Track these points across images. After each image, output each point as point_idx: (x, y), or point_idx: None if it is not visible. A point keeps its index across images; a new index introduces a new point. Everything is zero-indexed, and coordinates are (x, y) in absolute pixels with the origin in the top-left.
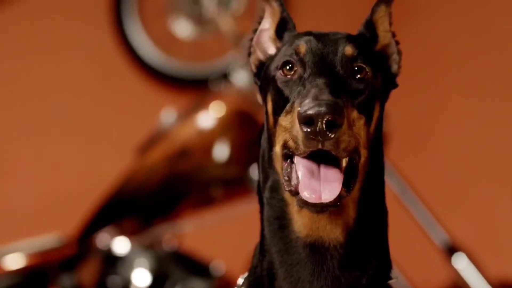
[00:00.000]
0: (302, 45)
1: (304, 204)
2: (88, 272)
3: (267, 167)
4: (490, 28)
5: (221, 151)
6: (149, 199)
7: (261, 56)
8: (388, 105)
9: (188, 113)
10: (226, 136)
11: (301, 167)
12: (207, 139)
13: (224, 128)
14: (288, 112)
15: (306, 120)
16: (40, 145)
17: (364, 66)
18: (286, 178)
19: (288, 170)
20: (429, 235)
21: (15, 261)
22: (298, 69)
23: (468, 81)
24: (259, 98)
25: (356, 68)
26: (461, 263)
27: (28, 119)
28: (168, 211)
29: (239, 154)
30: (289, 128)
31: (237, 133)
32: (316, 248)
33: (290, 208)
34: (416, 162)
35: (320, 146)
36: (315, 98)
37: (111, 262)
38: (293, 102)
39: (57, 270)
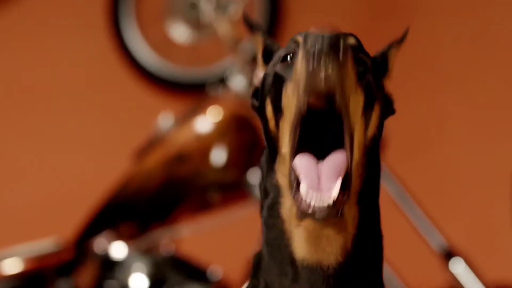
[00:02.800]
0: (300, 37)
1: (304, 208)
2: (86, 276)
3: (267, 182)
4: (489, 33)
5: (219, 156)
6: (146, 203)
7: (256, 83)
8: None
9: (186, 117)
10: (223, 141)
11: (303, 165)
12: (205, 144)
13: (221, 132)
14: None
15: (312, 54)
16: (37, 150)
17: (365, 58)
18: (293, 185)
19: (294, 176)
20: (426, 239)
21: (12, 266)
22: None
23: (465, 86)
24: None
25: (358, 59)
26: (459, 268)
27: (25, 124)
28: (166, 216)
29: (237, 159)
30: (292, 90)
31: (235, 137)
32: (314, 270)
33: (289, 226)
34: (413, 166)
35: (323, 82)
36: (319, 39)
37: (109, 266)
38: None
39: (54, 274)
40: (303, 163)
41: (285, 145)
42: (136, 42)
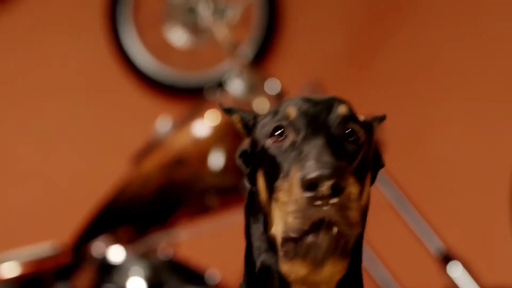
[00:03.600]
0: (292, 109)
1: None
2: (83, 280)
3: (261, 243)
4: (482, 34)
5: (217, 160)
6: (144, 207)
7: (245, 146)
8: (381, 111)
9: (184, 121)
10: (221, 145)
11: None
12: (203, 148)
13: (219, 136)
14: (284, 183)
15: (309, 184)
16: (36, 154)
17: (358, 128)
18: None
19: (286, 252)
20: (424, 243)
21: (10, 269)
22: (290, 134)
23: (461, 88)
24: (246, 185)
25: (349, 130)
26: (456, 272)
27: (23, 127)
28: (164, 220)
29: (234, 163)
30: (287, 201)
31: (233, 141)
32: None
33: None
34: (411, 170)
35: (322, 214)
36: (318, 160)
37: (106, 270)
38: (289, 171)
39: (52, 278)
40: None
41: (275, 227)
42: (134, 46)
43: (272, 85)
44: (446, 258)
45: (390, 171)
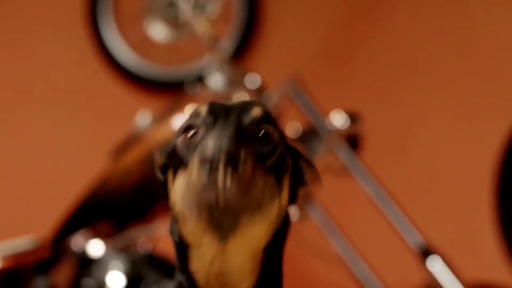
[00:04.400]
0: (203, 107)
1: None
2: (63, 274)
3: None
4: (465, 33)
5: None
6: (123, 202)
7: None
8: (362, 108)
9: (164, 116)
10: None
11: None
12: None
13: None
14: (185, 171)
15: (203, 159)
16: (14, 148)
17: (273, 129)
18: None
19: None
20: (404, 238)
21: None
22: (200, 131)
23: (443, 85)
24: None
25: (263, 131)
26: (436, 266)
27: (2, 122)
28: (143, 214)
29: None
30: (183, 187)
31: None
32: None
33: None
34: (391, 165)
35: (218, 196)
36: (217, 140)
37: (86, 264)
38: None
39: (31, 272)
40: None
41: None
42: (114, 41)
43: (252, 80)
44: (425, 253)
45: (369, 166)
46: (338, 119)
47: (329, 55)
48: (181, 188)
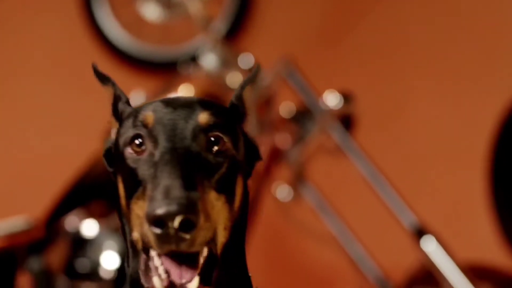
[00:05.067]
0: (150, 115)
1: None
2: (57, 255)
3: (129, 247)
4: (458, 9)
5: None
6: None
7: (111, 139)
8: (355, 88)
9: (157, 96)
10: None
11: (157, 257)
12: None
13: None
14: (139, 198)
15: (156, 222)
16: (7, 128)
17: (222, 135)
18: (144, 270)
19: (146, 266)
20: (398, 217)
21: None
22: (148, 145)
23: (436, 63)
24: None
25: (212, 139)
26: (430, 246)
27: None
28: None
29: None
30: (142, 218)
31: None
32: None
33: None
34: (384, 144)
35: (174, 248)
36: (166, 195)
37: (80, 244)
38: (145, 188)
39: (25, 253)
40: (156, 259)
41: (136, 230)
42: (107, 21)
43: (245, 60)
44: (419, 233)
45: (363, 146)
46: (331, 99)
47: (323, 35)
48: (138, 222)
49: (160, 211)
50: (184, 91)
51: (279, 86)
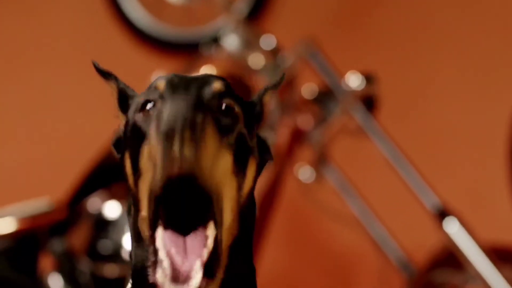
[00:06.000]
0: (161, 82)
1: None
2: (79, 236)
3: (133, 236)
4: None
5: None
6: None
7: (120, 133)
8: (378, 69)
9: None
10: None
11: (162, 249)
12: None
13: None
14: (145, 146)
15: (163, 134)
16: (29, 110)
17: (234, 103)
18: (152, 263)
19: (153, 252)
20: (420, 199)
21: (5, 226)
22: (159, 105)
23: (460, 44)
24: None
25: (224, 105)
26: (453, 228)
27: (16, 84)
28: None
29: None
30: (147, 158)
31: None
32: None
33: None
34: (407, 125)
35: (177, 169)
36: (174, 114)
37: (102, 226)
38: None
39: (47, 235)
40: (163, 241)
41: (144, 208)
42: (129, 2)
43: (267, 41)
44: (442, 214)
45: (385, 128)
46: (353, 80)
47: (345, 15)
48: (143, 159)
49: (166, 123)
50: (206, 72)
51: (301, 67)
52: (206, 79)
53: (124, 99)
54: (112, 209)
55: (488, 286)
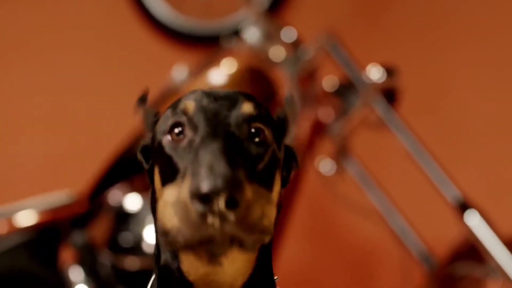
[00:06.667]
0: (190, 103)
1: None
2: (100, 229)
3: (162, 250)
4: None
5: None
6: None
7: (147, 141)
8: (399, 61)
9: (200, 70)
10: None
11: None
12: None
13: (235, 84)
14: (176, 184)
15: (200, 197)
16: (50, 102)
17: (263, 127)
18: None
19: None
20: (441, 191)
21: (26, 218)
22: (188, 132)
23: (481, 37)
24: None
25: (253, 130)
26: (473, 220)
27: (37, 76)
28: None
29: None
30: (173, 202)
31: (249, 89)
32: None
33: None
34: (427, 118)
35: (213, 233)
36: (210, 171)
37: (123, 219)
38: (184, 173)
39: (68, 227)
40: None
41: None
42: None
43: (288, 33)
44: (463, 207)
45: (406, 120)
46: (374, 73)
47: (366, 7)
48: (171, 210)
49: (206, 185)
50: (227, 65)
51: (322, 59)
52: (235, 101)
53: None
54: (133, 202)
55: (509, 278)
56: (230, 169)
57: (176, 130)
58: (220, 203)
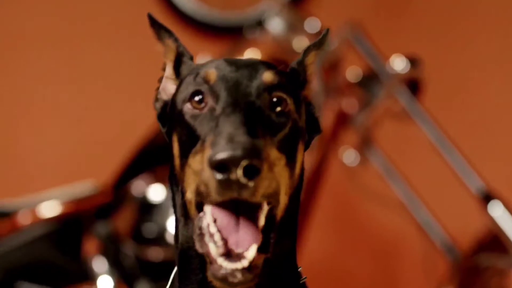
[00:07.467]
0: (212, 72)
1: (217, 279)
2: (123, 219)
3: (180, 215)
4: None
5: None
6: None
7: (165, 97)
8: (422, 52)
9: None
10: None
11: (212, 224)
12: None
13: None
14: (198, 152)
15: (219, 166)
16: (75, 94)
17: (285, 96)
18: (198, 235)
19: (201, 225)
20: (465, 183)
21: (50, 209)
22: (209, 100)
23: (504, 28)
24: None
25: (275, 99)
26: (497, 211)
27: (63, 67)
28: None
29: None
30: (200, 170)
31: None
32: None
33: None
34: (451, 109)
35: (235, 195)
36: (230, 140)
37: (147, 209)
38: (204, 141)
39: (92, 217)
40: (213, 216)
41: (190, 191)
42: None
43: (312, 24)
44: (487, 198)
45: (430, 111)
46: (398, 64)
47: None
48: (193, 179)
49: (224, 154)
50: (250, 55)
51: (346, 50)
52: (256, 70)
53: (178, 63)
54: (156, 192)
55: None
56: (250, 137)
57: (197, 98)
58: (239, 172)
